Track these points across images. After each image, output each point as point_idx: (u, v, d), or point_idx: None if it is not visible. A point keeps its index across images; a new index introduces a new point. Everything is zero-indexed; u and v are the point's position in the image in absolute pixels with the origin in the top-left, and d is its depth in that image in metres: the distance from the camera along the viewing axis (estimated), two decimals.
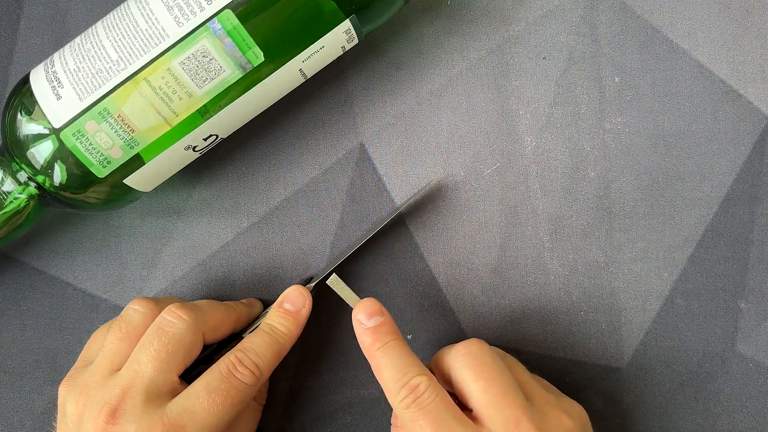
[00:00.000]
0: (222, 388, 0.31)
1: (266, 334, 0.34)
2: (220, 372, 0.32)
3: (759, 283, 0.38)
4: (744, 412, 0.38)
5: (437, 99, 0.39)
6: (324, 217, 0.39)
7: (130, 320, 0.33)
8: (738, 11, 0.38)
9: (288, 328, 0.35)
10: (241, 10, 0.31)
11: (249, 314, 0.37)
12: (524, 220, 0.38)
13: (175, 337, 0.32)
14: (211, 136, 0.35)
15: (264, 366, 0.33)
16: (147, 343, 0.32)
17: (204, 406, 0.31)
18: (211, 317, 0.34)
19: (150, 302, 0.34)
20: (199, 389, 0.31)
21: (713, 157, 0.38)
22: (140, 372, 0.31)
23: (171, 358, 0.32)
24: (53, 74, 0.32)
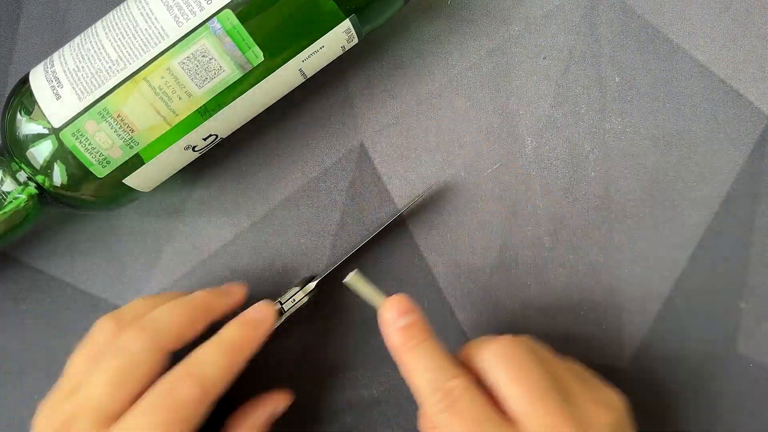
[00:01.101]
0: (164, 407, 0.29)
1: (219, 347, 0.32)
2: (162, 388, 0.30)
3: (759, 283, 0.38)
4: (744, 412, 0.38)
5: (437, 99, 0.39)
6: (324, 217, 0.39)
7: (95, 339, 0.32)
8: (738, 11, 0.38)
9: (245, 340, 0.32)
10: (241, 9, 0.31)
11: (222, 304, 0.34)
12: (524, 220, 0.38)
13: (131, 360, 0.30)
14: (211, 136, 0.35)
15: (213, 379, 0.31)
16: (101, 363, 0.31)
17: (145, 426, 0.29)
18: (172, 328, 0.32)
19: (112, 321, 0.32)
20: (140, 410, 0.30)
21: (713, 157, 0.38)
22: (91, 394, 0.30)
23: (124, 382, 0.30)
24: (53, 74, 0.32)
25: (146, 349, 0.31)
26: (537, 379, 0.30)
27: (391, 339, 0.31)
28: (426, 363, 0.30)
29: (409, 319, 0.31)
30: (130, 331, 0.31)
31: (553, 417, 0.29)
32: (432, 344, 0.31)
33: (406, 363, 0.31)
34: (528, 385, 0.30)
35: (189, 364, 0.31)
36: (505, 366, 0.30)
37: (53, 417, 0.31)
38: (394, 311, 0.31)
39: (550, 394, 0.30)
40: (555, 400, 0.30)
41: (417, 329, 0.31)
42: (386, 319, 0.31)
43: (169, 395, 0.30)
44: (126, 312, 0.33)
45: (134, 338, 0.31)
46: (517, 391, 0.30)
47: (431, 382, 0.30)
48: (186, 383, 0.30)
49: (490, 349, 0.31)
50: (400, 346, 0.31)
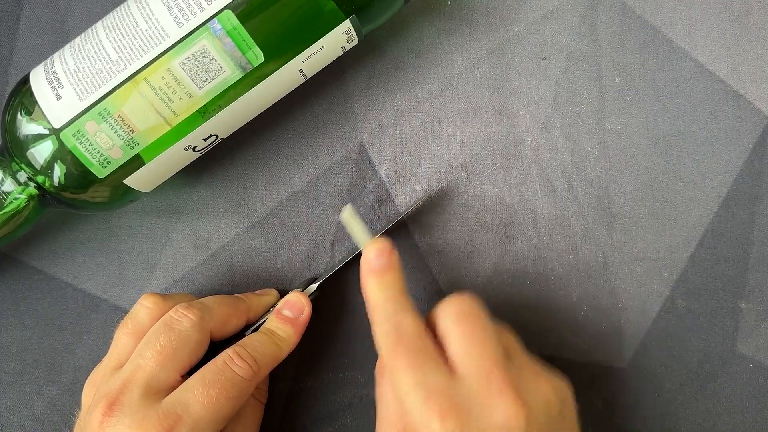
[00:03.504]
0: (217, 381, 0.31)
1: (265, 335, 0.34)
2: (217, 365, 0.32)
3: (759, 283, 0.38)
4: (744, 412, 0.38)
5: (437, 99, 0.39)
6: (324, 217, 0.39)
7: (137, 316, 0.34)
8: (738, 11, 0.38)
9: (287, 334, 0.35)
10: (241, 10, 0.31)
11: (261, 305, 0.37)
12: (524, 220, 0.38)
13: (180, 335, 0.32)
14: (211, 136, 0.35)
15: (262, 362, 0.33)
16: (153, 338, 0.32)
17: (198, 399, 0.31)
18: (218, 314, 0.34)
19: (158, 298, 0.34)
20: (194, 382, 0.31)
21: (713, 157, 0.38)
22: (142, 366, 0.31)
23: (175, 355, 0.32)
24: (53, 74, 0.32)
25: (195, 326, 0.33)
26: (482, 329, 0.31)
27: (363, 276, 0.33)
28: (385, 299, 0.32)
29: (384, 262, 0.33)
30: (180, 310, 0.33)
31: (488, 362, 0.30)
32: (397, 287, 0.33)
33: (369, 298, 0.32)
34: (471, 330, 0.31)
35: (241, 346, 0.33)
36: (455, 311, 0.32)
37: (102, 390, 0.32)
38: (374, 252, 0.33)
39: (492, 345, 0.31)
40: (496, 352, 0.30)
41: (390, 273, 0.33)
42: (365, 257, 0.33)
43: (224, 371, 0.32)
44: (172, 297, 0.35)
45: (184, 316, 0.33)
46: (459, 332, 0.31)
47: (385, 314, 0.32)
48: (241, 362, 0.32)
49: (445, 302, 0.32)
50: (369, 282, 0.33)
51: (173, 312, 0.33)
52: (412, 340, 0.30)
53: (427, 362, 0.30)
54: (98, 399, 0.31)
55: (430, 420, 0.28)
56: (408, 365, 0.30)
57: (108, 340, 0.34)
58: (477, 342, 0.31)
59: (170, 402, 0.31)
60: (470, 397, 0.29)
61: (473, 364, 0.30)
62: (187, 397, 0.31)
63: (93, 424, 0.30)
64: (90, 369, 0.34)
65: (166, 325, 0.33)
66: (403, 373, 0.30)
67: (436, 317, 0.32)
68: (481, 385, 0.29)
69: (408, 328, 0.31)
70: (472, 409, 0.29)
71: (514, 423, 0.29)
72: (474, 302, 0.32)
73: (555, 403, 0.31)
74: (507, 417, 0.29)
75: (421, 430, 0.29)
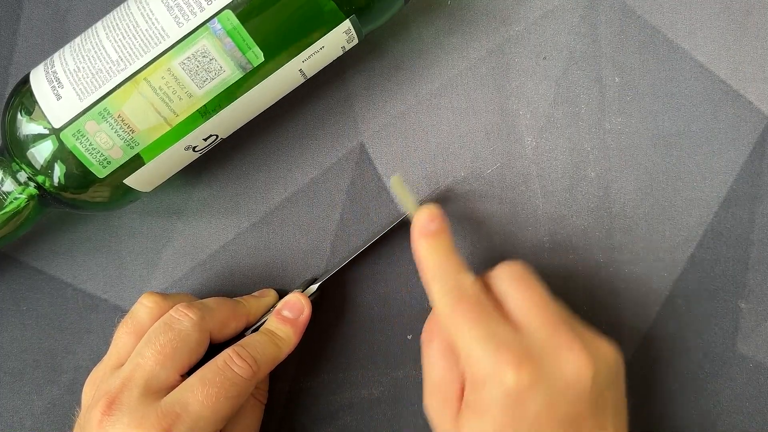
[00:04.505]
0: (217, 381, 0.31)
1: (265, 336, 0.34)
2: (217, 365, 0.32)
3: (759, 283, 0.38)
4: (744, 412, 0.38)
5: (437, 99, 0.39)
6: (324, 217, 0.39)
7: (137, 315, 0.34)
8: (738, 11, 0.38)
9: (287, 334, 0.35)
10: (241, 10, 0.31)
11: (260, 307, 0.37)
12: (524, 220, 0.38)
13: (180, 335, 0.32)
14: (211, 136, 0.35)
15: (261, 362, 0.33)
16: (152, 337, 0.32)
17: (198, 398, 0.31)
18: (218, 315, 0.34)
19: (158, 297, 0.34)
20: (194, 382, 0.31)
21: (713, 157, 0.38)
22: (142, 365, 0.31)
23: (174, 354, 0.32)
24: (53, 74, 0.32)
25: (195, 326, 0.33)
26: (539, 289, 0.32)
27: (417, 240, 0.33)
28: (442, 261, 0.32)
29: (437, 226, 0.33)
30: (180, 310, 0.33)
31: (552, 316, 0.31)
32: (451, 250, 0.33)
33: (425, 261, 0.33)
34: (530, 290, 0.32)
35: (241, 346, 0.33)
36: (511, 274, 0.33)
37: (101, 389, 0.32)
38: (426, 216, 0.33)
39: (552, 303, 0.31)
40: (556, 312, 0.31)
41: (442, 236, 0.33)
42: (418, 221, 0.33)
43: (224, 371, 0.32)
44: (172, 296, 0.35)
45: (184, 316, 0.33)
46: (519, 292, 0.32)
47: (444, 274, 0.32)
48: (240, 361, 0.32)
49: (500, 267, 0.33)
50: (424, 245, 0.33)
51: (173, 311, 0.33)
52: (475, 297, 0.31)
53: (492, 317, 0.30)
54: (98, 398, 0.31)
55: (504, 370, 0.29)
56: (474, 319, 0.30)
57: (108, 340, 0.34)
58: (538, 301, 0.31)
59: (169, 401, 0.31)
60: (540, 349, 0.30)
61: (537, 320, 0.31)
62: (187, 397, 0.31)
63: (92, 422, 0.30)
64: (90, 369, 0.34)
65: (166, 324, 0.33)
66: (470, 326, 0.30)
67: (492, 280, 0.33)
68: (548, 339, 0.30)
69: (470, 287, 0.31)
70: (542, 361, 0.29)
71: (584, 376, 0.29)
72: (527, 268, 0.33)
73: (614, 365, 0.32)
74: (578, 369, 0.29)
75: (491, 381, 0.29)
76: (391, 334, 0.39)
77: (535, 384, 0.29)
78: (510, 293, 0.32)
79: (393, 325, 0.39)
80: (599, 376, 0.30)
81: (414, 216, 0.34)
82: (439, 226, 0.33)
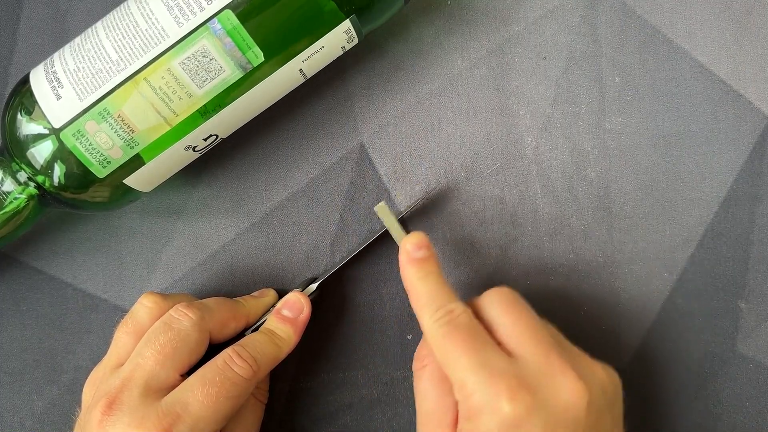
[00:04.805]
0: (217, 380, 0.31)
1: (265, 335, 0.34)
2: (217, 365, 0.32)
3: (759, 283, 0.38)
4: (744, 412, 0.38)
5: (437, 99, 0.39)
6: (324, 217, 0.39)
7: (137, 315, 0.34)
8: (738, 11, 0.38)
9: (287, 334, 0.35)
10: (241, 10, 0.31)
11: (259, 307, 0.37)
12: (524, 220, 0.38)
13: (180, 334, 0.32)
14: (211, 136, 0.35)
15: (261, 362, 0.33)
16: (152, 337, 0.32)
17: (198, 398, 0.31)
18: (218, 315, 0.34)
19: (158, 297, 0.34)
20: (194, 381, 0.31)
21: (713, 157, 0.38)
22: (141, 365, 0.31)
23: (174, 354, 0.32)
24: (53, 74, 0.32)
25: (195, 326, 0.33)
26: (529, 316, 0.32)
27: (405, 268, 0.33)
28: (432, 288, 0.32)
29: (424, 253, 0.33)
30: (180, 309, 0.33)
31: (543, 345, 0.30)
32: (440, 277, 0.33)
33: (415, 289, 0.32)
34: (520, 317, 0.31)
35: (241, 346, 0.33)
36: (500, 300, 0.32)
37: (101, 389, 0.32)
38: (414, 244, 0.33)
39: (542, 329, 0.31)
40: (547, 335, 0.31)
41: (430, 263, 0.33)
42: (405, 249, 0.33)
43: (224, 371, 0.32)
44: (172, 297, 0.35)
45: (184, 315, 0.33)
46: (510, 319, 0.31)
47: (434, 302, 0.32)
48: (240, 361, 0.32)
49: (488, 294, 0.33)
50: (412, 273, 0.33)
51: (173, 311, 0.33)
52: (467, 325, 0.31)
53: (485, 345, 0.30)
54: (98, 398, 0.31)
55: (498, 399, 0.28)
56: (466, 347, 0.30)
57: (108, 340, 0.34)
58: (529, 327, 0.31)
59: (170, 401, 0.31)
60: (533, 377, 0.29)
61: (529, 347, 0.30)
62: (187, 396, 0.31)
63: (93, 422, 0.30)
64: (90, 369, 0.34)
65: (166, 324, 0.33)
66: (463, 355, 0.30)
67: (481, 306, 0.32)
68: (541, 366, 0.30)
69: (461, 315, 0.31)
70: (537, 389, 0.29)
71: (579, 401, 0.29)
72: (516, 294, 0.33)
73: (610, 388, 0.31)
74: (572, 395, 0.29)
75: (486, 412, 0.29)
76: (391, 334, 0.39)
77: (532, 412, 0.28)
78: (500, 320, 0.31)
79: (393, 325, 0.39)
80: (594, 400, 0.30)
81: (401, 243, 0.33)
82: (427, 254, 0.33)
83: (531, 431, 0.28)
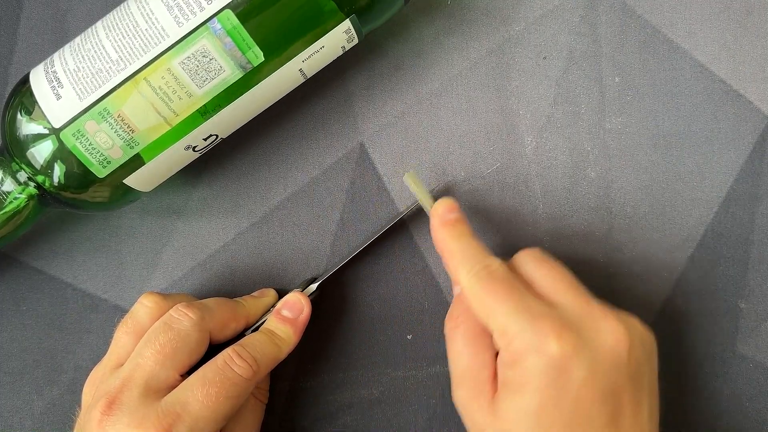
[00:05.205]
0: (217, 380, 0.31)
1: (265, 335, 0.34)
2: (217, 364, 0.32)
3: (759, 283, 0.38)
4: (744, 412, 0.38)
5: (437, 99, 0.39)
6: (324, 217, 0.39)
7: (137, 315, 0.34)
8: (738, 11, 0.38)
9: (287, 334, 0.35)
10: (241, 10, 0.31)
11: (259, 308, 0.36)
12: (524, 220, 0.38)
13: (180, 334, 0.32)
14: (211, 136, 0.35)
15: (261, 362, 0.33)
16: (152, 337, 0.32)
17: (198, 398, 0.31)
18: (218, 316, 0.34)
19: (158, 297, 0.34)
20: (194, 381, 0.31)
21: (713, 157, 0.38)
22: (141, 365, 0.31)
23: (174, 354, 0.32)
24: (53, 74, 0.32)
25: (195, 326, 0.33)
26: (563, 270, 0.32)
27: (438, 230, 0.34)
28: (467, 247, 0.33)
29: (456, 215, 0.34)
30: (180, 309, 0.33)
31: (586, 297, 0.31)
32: (473, 237, 0.33)
33: (450, 249, 0.33)
34: (555, 270, 0.32)
35: (241, 346, 0.33)
36: (535, 257, 0.33)
37: (101, 389, 0.32)
38: (445, 207, 0.34)
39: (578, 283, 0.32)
40: (584, 289, 0.32)
41: (462, 224, 0.34)
42: (437, 213, 0.34)
43: (224, 370, 0.32)
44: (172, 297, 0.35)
45: (184, 315, 0.33)
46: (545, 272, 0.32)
47: (472, 258, 0.32)
48: (240, 361, 0.32)
49: (521, 253, 0.34)
50: (445, 235, 0.33)
51: (173, 311, 0.33)
52: (505, 276, 0.31)
53: (525, 293, 0.31)
54: (98, 398, 0.31)
55: (545, 339, 0.29)
56: (507, 296, 0.30)
57: (108, 340, 0.34)
58: (566, 279, 0.32)
59: (169, 401, 0.31)
60: (576, 320, 0.30)
61: (569, 296, 0.31)
62: (187, 396, 0.31)
63: (92, 422, 0.30)
64: (90, 369, 0.34)
65: (166, 324, 0.32)
66: (504, 303, 0.30)
67: (516, 265, 0.33)
68: (582, 311, 0.30)
69: (499, 268, 0.31)
70: (581, 331, 0.29)
71: (621, 345, 0.30)
72: (547, 253, 0.33)
73: (648, 340, 0.32)
74: (615, 338, 0.30)
75: (533, 353, 0.29)
76: (391, 334, 0.39)
77: (578, 352, 0.29)
78: (537, 274, 0.32)
79: (393, 325, 0.39)
80: (635, 347, 0.30)
81: (432, 208, 0.34)
82: (459, 215, 0.34)
83: (577, 371, 0.29)
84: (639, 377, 0.30)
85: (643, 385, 0.30)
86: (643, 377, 0.31)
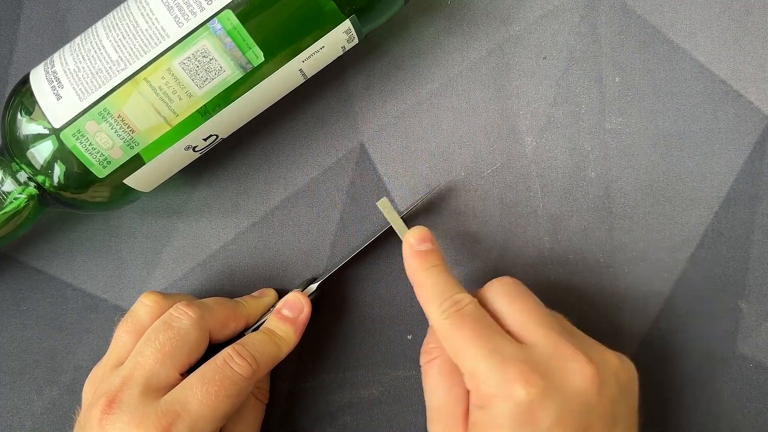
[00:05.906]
0: (217, 379, 0.31)
1: (265, 335, 0.34)
2: (216, 363, 0.32)
3: (759, 283, 0.38)
4: (744, 413, 0.38)
5: (437, 99, 0.39)
6: (324, 217, 0.39)
7: (137, 314, 0.34)
8: (738, 11, 0.38)
9: (286, 333, 0.35)
10: (241, 10, 0.31)
11: (259, 307, 0.36)
12: (524, 220, 0.38)
13: (180, 333, 0.32)
14: (211, 136, 0.35)
15: (261, 361, 0.33)
16: (152, 336, 0.32)
17: (198, 396, 0.31)
18: (218, 315, 0.34)
19: (158, 296, 0.34)
20: (194, 380, 0.31)
21: (713, 157, 0.38)
22: (141, 364, 0.31)
23: (174, 353, 0.32)
24: (53, 74, 0.32)
25: (195, 324, 0.33)
26: (535, 304, 0.32)
27: (409, 261, 0.33)
28: (437, 281, 0.32)
29: (427, 246, 0.33)
30: (180, 308, 0.33)
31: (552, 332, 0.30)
32: (444, 269, 0.33)
33: (420, 281, 0.33)
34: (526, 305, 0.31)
35: (241, 345, 0.33)
36: (506, 290, 0.32)
37: (101, 388, 0.32)
38: (417, 238, 0.34)
39: (549, 317, 0.31)
40: (554, 323, 0.31)
41: (433, 256, 0.33)
42: (408, 242, 0.34)
43: (224, 369, 0.31)
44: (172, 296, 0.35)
45: (184, 314, 0.33)
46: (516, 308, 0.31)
47: (441, 294, 0.32)
48: (240, 360, 0.32)
49: (491, 284, 0.33)
50: (416, 266, 0.33)
51: (173, 310, 0.33)
52: (475, 314, 0.31)
53: (494, 333, 0.30)
54: (98, 397, 0.31)
55: (512, 386, 0.28)
56: (476, 336, 0.30)
57: (108, 340, 0.34)
58: (536, 315, 0.31)
59: (169, 400, 0.31)
60: (544, 362, 0.29)
61: (538, 333, 0.30)
62: (186, 395, 0.31)
63: (92, 421, 0.30)
64: (90, 369, 0.34)
65: (165, 323, 0.33)
66: (472, 344, 0.30)
67: (485, 298, 0.32)
68: (551, 352, 0.30)
69: (468, 305, 0.31)
70: (549, 373, 0.29)
71: (590, 386, 0.29)
72: (519, 282, 0.33)
73: (623, 376, 0.31)
74: (583, 379, 0.29)
75: (500, 398, 0.29)
76: (391, 334, 0.39)
77: (545, 396, 0.28)
78: (506, 309, 0.32)
79: (393, 325, 0.39)
80: (606, 385, 0.30)
81: (404, 237, 0.34)
82: (430, 246, 0.33)
83: (545, 416, 0.28)
84: (611, 415, 0.30)
85: (616, 422, 0.30)
86: (617, 414, 0.30)
